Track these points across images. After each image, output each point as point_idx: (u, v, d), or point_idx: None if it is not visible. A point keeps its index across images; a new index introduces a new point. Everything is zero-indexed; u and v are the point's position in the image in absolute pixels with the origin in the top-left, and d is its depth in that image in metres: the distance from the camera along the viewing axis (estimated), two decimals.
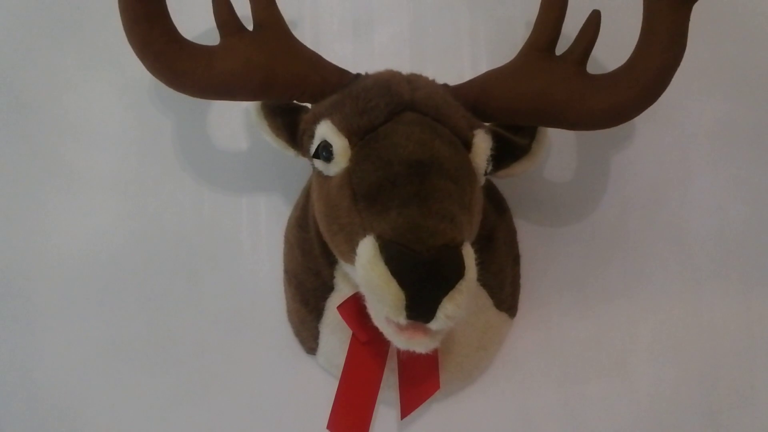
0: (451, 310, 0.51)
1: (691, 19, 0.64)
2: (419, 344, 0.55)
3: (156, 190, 0.86)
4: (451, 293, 0.51)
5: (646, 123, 0.86)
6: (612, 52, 0.68)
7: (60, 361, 0.84)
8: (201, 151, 0.87)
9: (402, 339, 0.55)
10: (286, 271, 0.83)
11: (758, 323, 0.84)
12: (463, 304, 0.52)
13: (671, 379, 0.84)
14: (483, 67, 0.70)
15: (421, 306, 0.51)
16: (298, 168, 0.82)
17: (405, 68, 0.68)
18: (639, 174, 0.86)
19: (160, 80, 0.65)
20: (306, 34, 0.86)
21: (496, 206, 0.82)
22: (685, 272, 0.85)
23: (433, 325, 0.52)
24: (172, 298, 0.85)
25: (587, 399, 0.83)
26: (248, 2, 0.66)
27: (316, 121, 0.63)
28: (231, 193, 0.86)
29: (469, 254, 0.53)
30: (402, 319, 0.52)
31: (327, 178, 0.62)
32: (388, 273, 0.51)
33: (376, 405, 0.75)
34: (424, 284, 0.51)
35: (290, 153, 0.72)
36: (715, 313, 0.85)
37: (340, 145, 0.60)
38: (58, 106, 0.86)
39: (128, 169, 0.86)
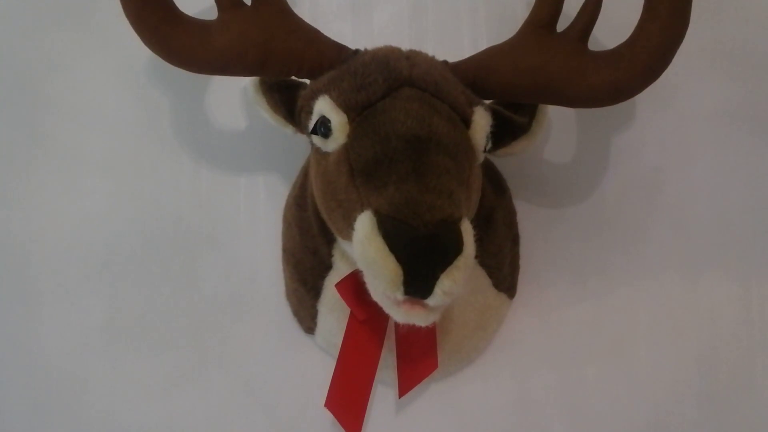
0: (448, 286, 0.51)
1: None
2: (418, 317, 0.55)
3: (153, 170, 0.86)
4: (448, 269, 0.51)
5: (647, 105, 0.85)
6: (613, 29, 0.68)
7: (59, 343, 0.84)
8: (199, 131, 0.86)
9: (400, 312, 0.55)
10: (285, 251, 0.82)
11: (757, 307, 0.84)
12: (460, 280, 0.52)
13: (669, 362, 0.84)
14: (483, 45, 0.69)
15: (418, 281, 0.51)
16: (296, 147, 0.82)
17: (405, 46, 0.67)
18: (639, 156, 0.86)
19: (157, 55, 0.64)
20: (305, 13, 0.84)
21: (496, 186, 0.81)
22: (685, 255, 0.85)
23: (431, 301, 0.52)
24: (170, 278, 0.85)
25: (585, 381, 0.83)
26: None
27: (314, 97, 0.63)
28: (229, 173, 0.86)
29: (467, 230, 0.53)
30: (399, 295, 0.52)
31: (325, 154, 0.62)
32: (386, 248, 0.51)
33: (374, 383, 0.75)
34: (421, 259, 0.51)
35: (288, 130, 0.72)
36: (714, 297, 0.84)
37: (338, 120, 0.59)
38: (56, 87, 0.86)
39: (126, 150, 0.86)
